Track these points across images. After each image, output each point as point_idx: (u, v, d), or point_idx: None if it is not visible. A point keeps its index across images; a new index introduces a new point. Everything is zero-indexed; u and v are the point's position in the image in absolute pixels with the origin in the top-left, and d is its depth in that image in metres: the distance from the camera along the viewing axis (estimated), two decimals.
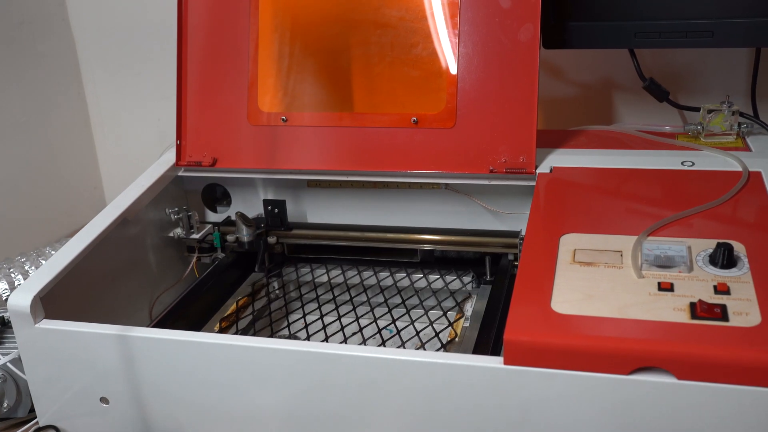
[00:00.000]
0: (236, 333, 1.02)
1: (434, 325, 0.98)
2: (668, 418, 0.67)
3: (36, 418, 0.92)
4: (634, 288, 0.73)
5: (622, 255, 0.78)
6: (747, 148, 1.02)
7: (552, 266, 0.78)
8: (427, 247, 1.10)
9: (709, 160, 0.97)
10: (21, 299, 0.86)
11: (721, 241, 0.75)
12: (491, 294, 1.01)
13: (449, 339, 0.96)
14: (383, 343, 0.97)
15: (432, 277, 1.11)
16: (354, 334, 1.00)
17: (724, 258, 0.74)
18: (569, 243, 0.81)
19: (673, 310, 0.69)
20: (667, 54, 1.27)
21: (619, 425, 0.69)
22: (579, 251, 0.80)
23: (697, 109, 1.07)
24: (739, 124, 1.05)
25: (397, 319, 1.01)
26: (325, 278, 1.14)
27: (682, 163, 0.97)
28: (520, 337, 0.69)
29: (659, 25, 1.02)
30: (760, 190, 0.89)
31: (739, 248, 0.77)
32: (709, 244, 0.77)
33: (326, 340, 1.00)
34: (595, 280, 0.75)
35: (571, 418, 0.70)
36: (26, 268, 1.23)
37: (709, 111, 1.05)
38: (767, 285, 0.71)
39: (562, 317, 0.70)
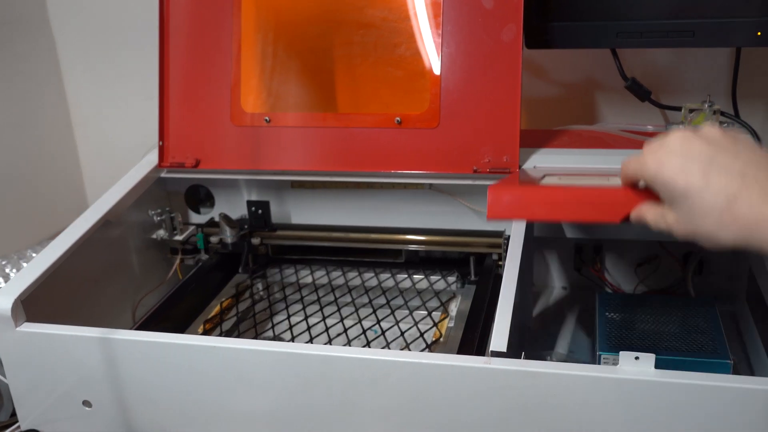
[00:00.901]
0: (220, 335, 1.01)
1: (419, 326, 0.98)
2: (653, 416, 0.67)
3: (18, 422, 0.91)
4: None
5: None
6: None
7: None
8: (411, 247, 1.10)
9: None
10: (2, 302, 0.85)
11: None
12: (476, 294, 1.02)
13: (434, 339, 0.96)
14: (368, 344, 0.97)
15: (417, 277, 1.11)
16: (339, 335, 1.00)
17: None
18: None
19: None
20: (648, 54, 1.28)
21: (603, 423, 0.69)
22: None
23: (679, 109, 1.08)
24: (720, 123, 1.06)
25: (382, 319, 1.01)
26: (309, 279, 1.14)
27: None
28: (504, 189, 0.73)
29: (641, 25, 1.03)
30: None
31: None
32: None
33: (311, 341, 0.99)
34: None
35: (556, 416, 0.70)
36: (7, 270, 1.22)
37: (691, 110, 1.06)
38: None
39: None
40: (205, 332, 1.02)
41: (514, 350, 0.73)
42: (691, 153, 0.58)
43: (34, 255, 1.25)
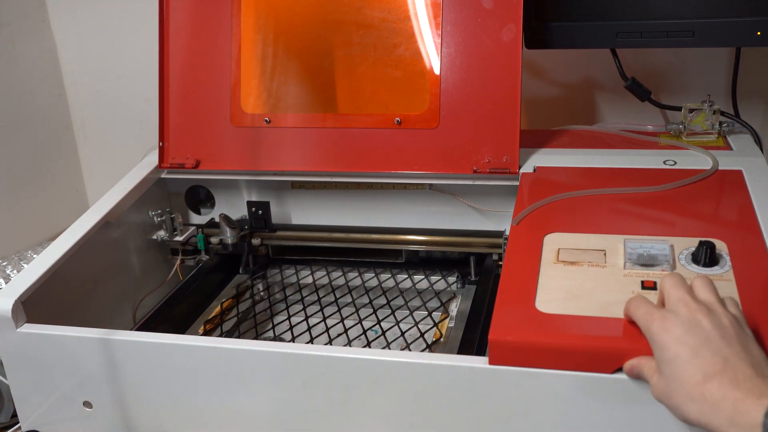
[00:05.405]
0: (221, 335, 1.01)
1: (419, 326, 0.98)
2: (651, 416, 0.67)
3: (18, 423, 0.92)
4: (617, 287, 0.73)
5: (605, 254, 0.79)
6: (728, 147, 1.03)
7: (536, 265, 0.78)
8: (411, 247, 1.10)
9: (691, 159, 0.98)
10: (2, 303, 0.85)
11: (703, 239, 0.76)
12: (476, 294, 1.02)
13: (434, 339, 0.96)
14: (369, 344, 0.97)
15: (417, 277, 1.11)
16: (339, 335, 1.00)
17: (706, 256, 0.74)
18: (553, 242, 0.82)
19: None
20: (648, 54, 1.28)
21: (602, 423, 0.69)
22: (563, 250, 0.80)
23: (679, 109, 1.08)
24: (720, 123, 1.06)
25: (383, 320, 1.01)
26: (309, 280, 1.14)
27: (664, 162, 0.98)
28: (505, 337, 0.69)
29: (640, 25, 1.03)
30: (741, 189, 0.90)
31: (721, 246, 0.77)
32: (692, 243, 0.78)
33: (311, 341, 0.99)
34: (579, 279, 0.75)
35: (556, 417, 0.70)
36: (8, 272, 1.22)
37: (691, 110, 1.06)
38: (749, 282, 0.72)
39: (546, 316, 0.70)
40: (206, 333, 1.03)
41: None
42: (695, 329, 0.60)
43: (34, 256, 1.25)
